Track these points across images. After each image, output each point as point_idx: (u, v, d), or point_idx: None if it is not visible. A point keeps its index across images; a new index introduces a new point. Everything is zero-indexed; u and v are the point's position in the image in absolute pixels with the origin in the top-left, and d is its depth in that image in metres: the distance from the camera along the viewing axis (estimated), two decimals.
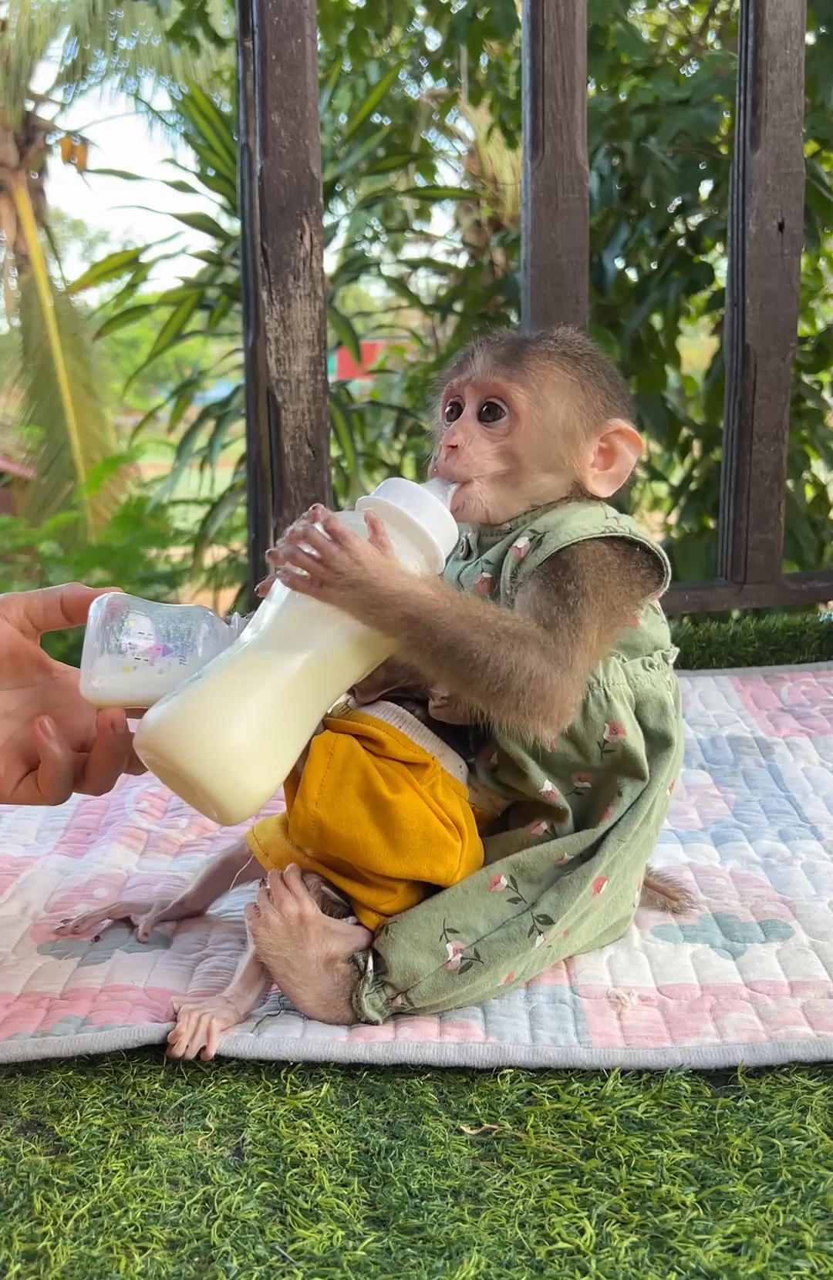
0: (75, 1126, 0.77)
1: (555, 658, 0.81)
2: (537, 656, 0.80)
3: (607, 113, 3.26)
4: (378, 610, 0.78)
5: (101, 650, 0.82)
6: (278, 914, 0.84)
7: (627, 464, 0.91)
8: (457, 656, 0.79)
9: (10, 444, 9.85)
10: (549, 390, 0.89)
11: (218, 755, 0.76)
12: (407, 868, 0.85)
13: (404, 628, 0.79)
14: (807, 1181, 0.70)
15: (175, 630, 0.84)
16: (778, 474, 1.81)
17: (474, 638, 0.79)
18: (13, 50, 9.88)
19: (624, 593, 0.87)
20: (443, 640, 0.79)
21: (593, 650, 0.84)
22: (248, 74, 2.69)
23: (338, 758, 0.84)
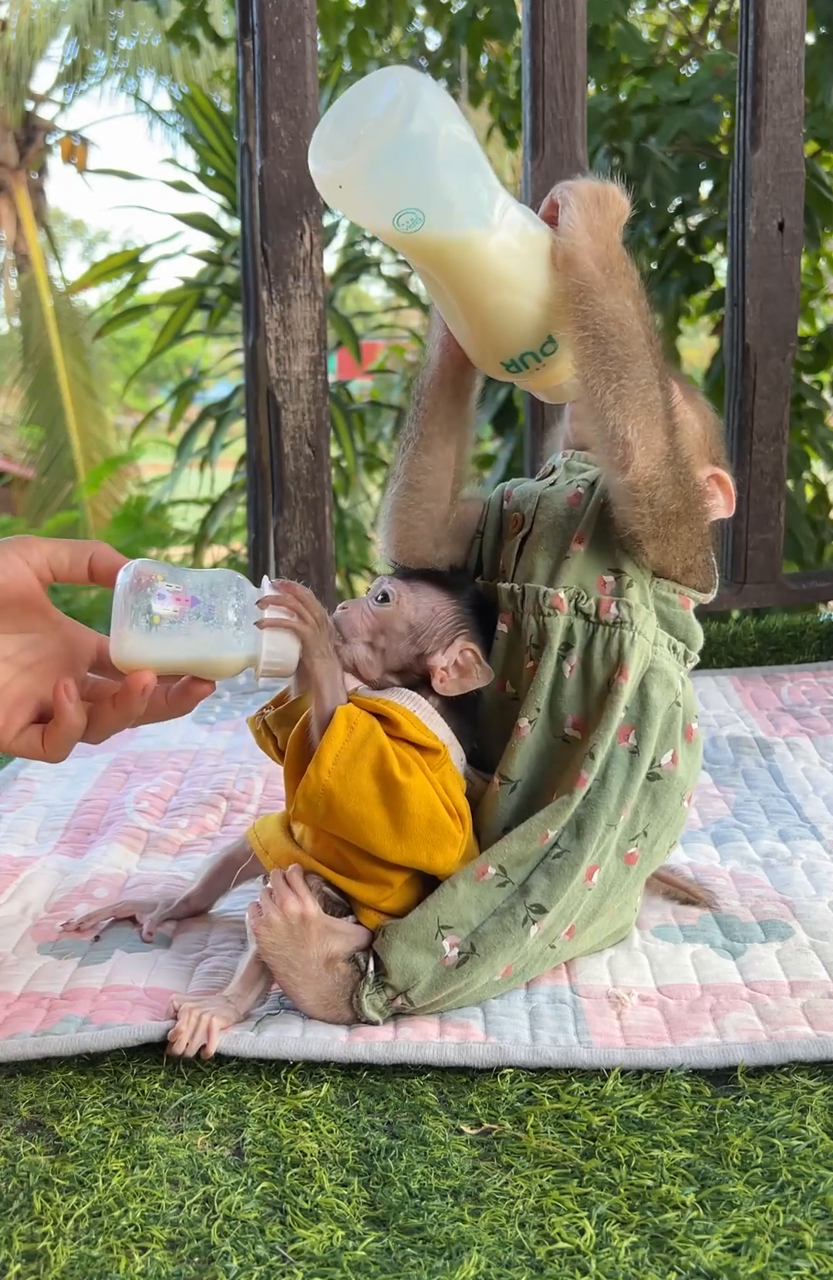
0: (75, 1126, 0.77)
1: (670, 428, 0.85)
2: (664, 407, 0.85)
3: (607, 113, 3.26)
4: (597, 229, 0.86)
5: (132, 616, 0.82)
6: (280, 913, 0.84)
7: (717, 508, 0.95)
8: (617, 325, 0.83)
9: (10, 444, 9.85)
10: (695, 407, 0.96)
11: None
12: (407, 853, 0.85)
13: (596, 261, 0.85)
14: (807, 1181, 0.70)
15: (203, 590, 0.84)
16: (778, 474, 1.81)
17: (638, 325, 0.84)
18: (13, 50, 9.88)
19: (692, 542, 0.89)
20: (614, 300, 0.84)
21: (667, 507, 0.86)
22: (248, 74, 2.69)
23: (358, 733, 0.84)
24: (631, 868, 0.91)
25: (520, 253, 0.85)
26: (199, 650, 0.83)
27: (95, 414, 9.03)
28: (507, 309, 0.86)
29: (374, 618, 0.91)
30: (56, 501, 8.54)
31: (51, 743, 0.84)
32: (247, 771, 1.37)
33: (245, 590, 0.86)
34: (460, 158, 0.81)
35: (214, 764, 1.41)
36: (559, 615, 0.89)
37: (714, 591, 0.94)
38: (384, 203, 0.80)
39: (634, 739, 0.89)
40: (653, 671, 0.89)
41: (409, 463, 0.95)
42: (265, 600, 0.85)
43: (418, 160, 0.79)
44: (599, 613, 0.89)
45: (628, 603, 0.88)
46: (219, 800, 1.30)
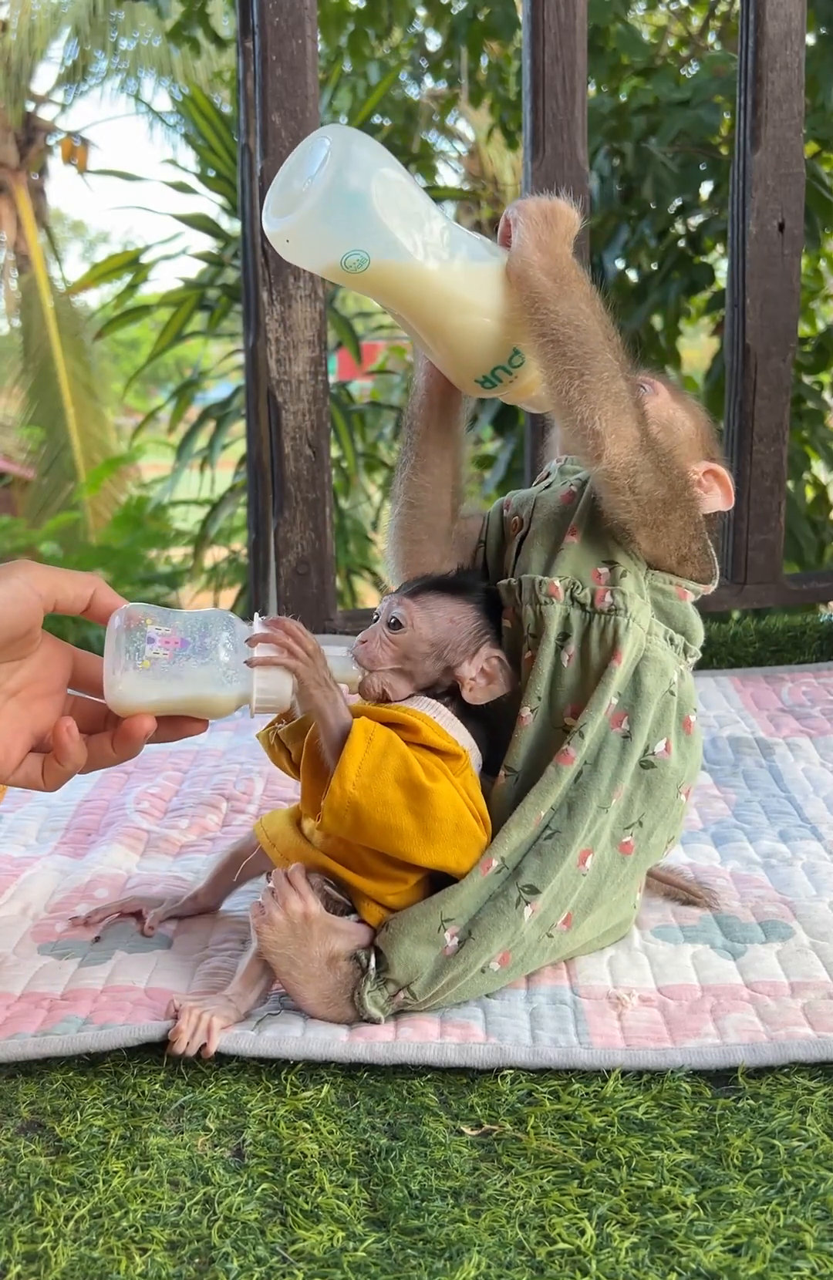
0: (76, 1127, 0.77)
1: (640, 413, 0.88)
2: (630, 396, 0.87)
3: (607, 113, 3.26)
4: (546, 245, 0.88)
5: (125, 660, 0.83)
6: (282, 912, 0.84)
7: (716, 504, 0.98)
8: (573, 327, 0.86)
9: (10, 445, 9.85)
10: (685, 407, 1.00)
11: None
12: (436, 857, 0.85)
13: (547, 273, 0.87)
14: (807, 1182, 0.70)
15: (193, 631, 0.86)
16: (778, 474, 1.81)
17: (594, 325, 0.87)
18: (13, 51, 9.88)
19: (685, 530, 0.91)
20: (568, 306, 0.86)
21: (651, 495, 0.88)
22: (248, 75, 2.69)
23: (377, 744, 0.84)
24: (626, 858, 0.92)
25: (471, 274, 0.89)
26: (191, 690, 0.85)
27: (96, 415, 9.03)
28: (467, 330, 0.90)
29: (394, 645, 0.91)
30: (57, 502, 8.54)
31: (51, 778, 0.85)
32: (247, 772, 1.37)
33: (237, 629, 0.87)
34: (396, 197, 0.86)
35: (214, 764, 1.41)
36: (555, 604, 0.91)
37: (715, 583, 0.96)
38: (330, 249, 0.86)
39: (627, 724, 0.90)
40: (647, 660, 0.91)
41: (408, 483, 0.99)
42: (255, 639, 0.85)
43: (355, 206, 0.85)
44: (595, 602, 0.90)
45: (622, 591, 0.90)
46: (219, 801, 1.30)
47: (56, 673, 0.87)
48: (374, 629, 0.92)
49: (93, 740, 0.86)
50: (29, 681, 0.85)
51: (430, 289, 0.89)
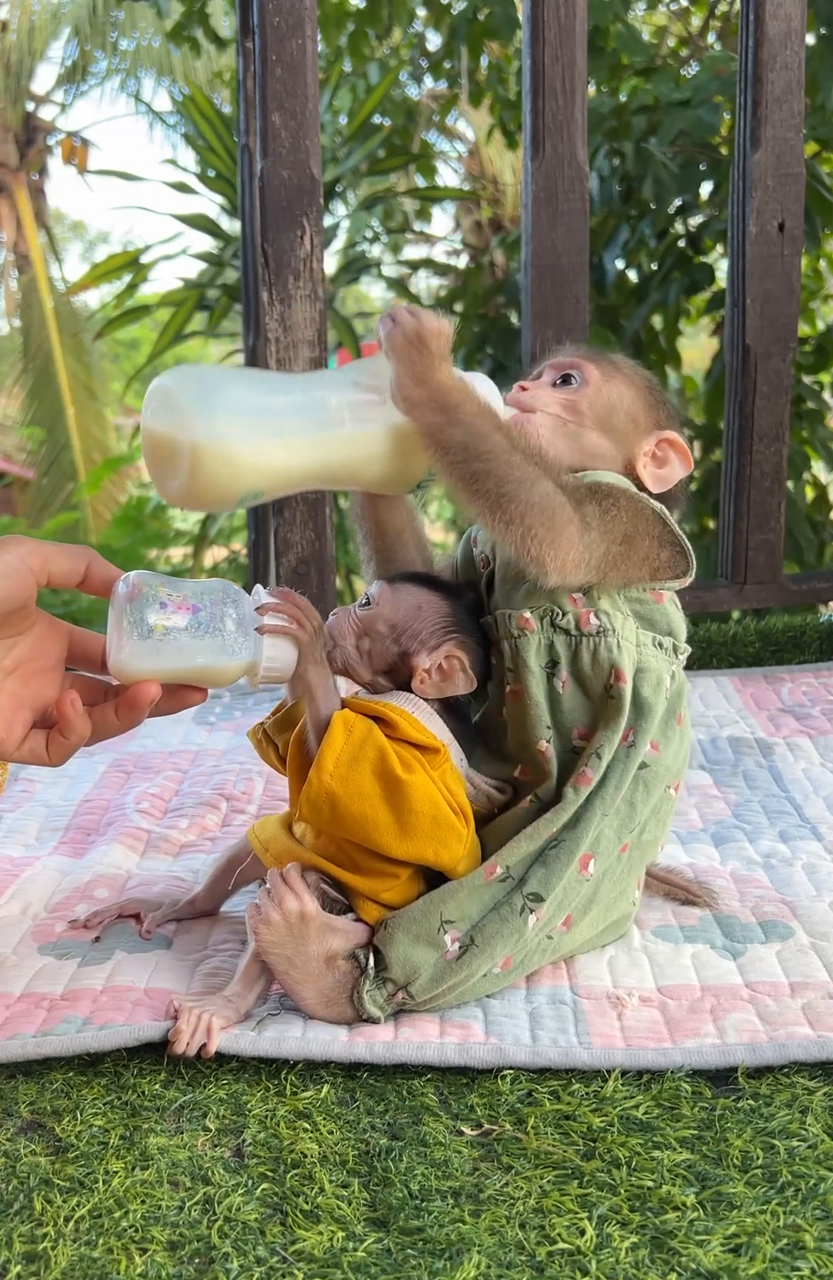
0: (76, 1127, 0.77)
1: (573, 502, 0.85)
2: (552, 487, 0.84)
3: (607, 113, 3.26)
4: (422, 377, 0.83)
5: (131, 627, 0.82)
6: (279, 911, 0.84)
7: (675, 473, 0.96)
8: (474, 451, 0.83)
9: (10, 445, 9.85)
10: (621, 379, 0.96)
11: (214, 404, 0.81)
12: (413, 850, 0.85)
13: (432, 408, 0.83)
14: (807, 1182, 0.70)
15: (202, 598, 0.85)
16: (778, 474, 1.81)
17: (496, 438, 0.83)
18: (13, 51, 9.87)
19: (651, 547, 0.91)
20: (463, 431, 0.83)
21: (608, 553, 0.87)
22: (248, 75, 2.69)
23: (356, 735, 0.85)
24: (622, 856, 0.92)
25: (362, 440, 0.86)
26: (198, 659, 0.83)
27: (96, 415, 9.03)
28: (383, 480, 0.89)
29: (359, 621, 0.92)
30: (57, 502, 8.54)
31: (56, 751, 0.84)
32: (247, 772, 1.37)
33: (241, 598, 0.86)
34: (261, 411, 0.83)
35: (214, 764, 1.41)
36: (529, 635, 0.90)
37: (692, 573, 0.94)
38: (224, 500, 0.84)
39: (633, 737, 0.91)
40: (642, 672, 0.91)
41: (375, 575, 0.99)
42: (265, 607, 0.85)
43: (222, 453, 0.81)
44: (580, 625, 0.90)
45: (605, 610, 0.90)
46: (219, 801, 1.30)
47: (53, 649, 0.86)
48: (347, 606, 0.94)
49: (95, 711, 0.85)
50: (26, 659, 0.84)
51: (341, 462, 0.86)
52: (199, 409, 0.81)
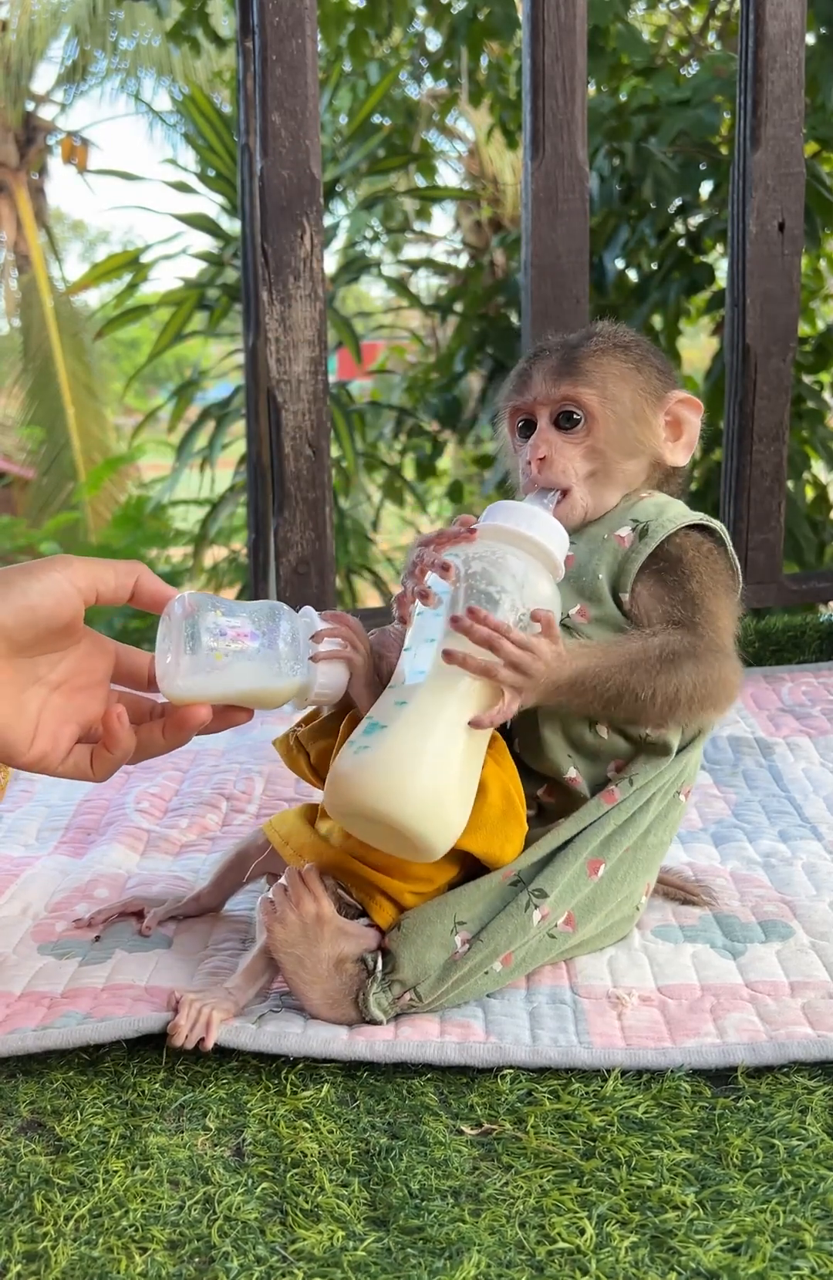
0: (76, 1127, 0.77)
1: (708, 654, 0.88)
2: (692, 666, 0.87)
3: (607, 113, 3.26)
4: (554, 691, 0.84)
5: (186, 650, 0.81)
6: (296, 912, 0.85)
7: (694, 429, 0.96)
8: (624, 701, 0.85)
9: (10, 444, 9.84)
10: (612, 383, 0.94)
11: (421, 795, 0.78)
12: (482, 844, 0.86)
13: (575, 695, 0.85)
14: (807, 1181, 0.70)
15: (259, 622, 0.84)
16: (778, 474, 1.81)
17: (634, 679, 0.85)
18: (13, 50, 9.87)
19: (730, 576, 0.94)
20: (611, 694, 0.85)
21: (730, 629, 0.91)
22: (248, 74, 2.69)
23: None
24: (624, 856, 0.93)
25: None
26: (252, 682, 0.83)
27: (96, 414, 9.03)
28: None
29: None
30: (57, 502, 8.54)
31: (101, 766, 0.84)
32: (247, 771, 1.37)
33: (294, 620, 0.86)
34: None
35: (214, 764, 1.41)
36: None
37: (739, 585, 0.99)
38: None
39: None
40: None
41: None
42: (321, 634, 0.86)
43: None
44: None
45: None
46: (219, 800, 1.30)
47: (99, 666, 0.86)
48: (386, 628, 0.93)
49: (141, 729, 0.85)
50: (72, 674, 0.84)
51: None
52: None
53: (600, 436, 0.93)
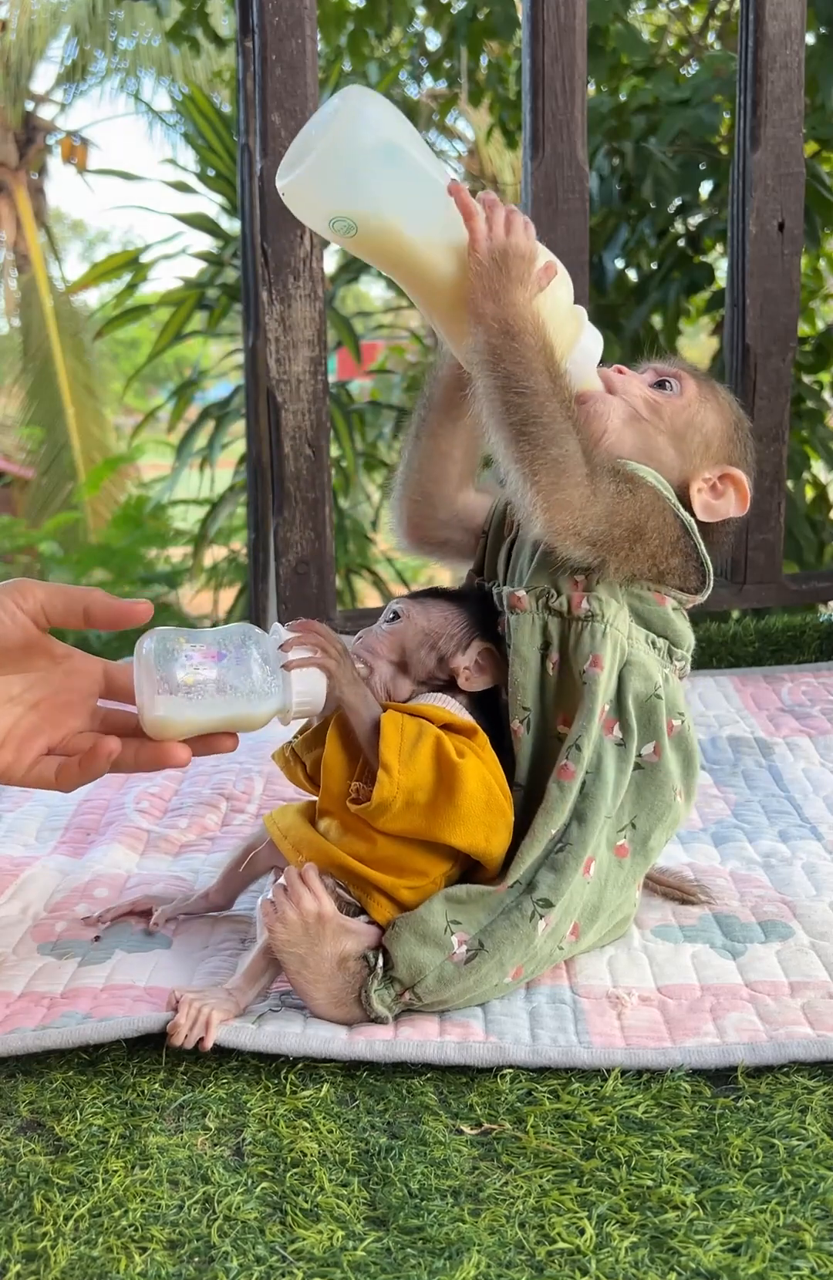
0: (75, 1126, 0.77)
1: (589, 468, 0.86)
2: (576, 446, 0.85)
3: (607, 113, 3.26)
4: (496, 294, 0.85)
5: (162, 684, 0.83)
6: (296, 911, 0.85)
7: (728, 508, 0.97)
8: (516, 381, 0.84)
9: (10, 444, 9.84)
10: (714, 404, 0.97)
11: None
12: (467, 835, 0.86)
13: (495, 327, 0.85)
14: (807, 1181, 0.70)
15: (226, 645, 0.86)
16: (778, 474, 1.81)
17: (541, 379, 0.85)
18: (13, 50, 9.87)
19: (661, 549, 0.91)
20: (513, 359, 0.85)
21: (609, 534, 0.87)
22: (248, 74, 2.69)
23: (409, 731, 0.86)
24: (623, 861, 0.92)
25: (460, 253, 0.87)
26: (230, 709, 0.85)
27: (95, 414, 9.03)
28: (458, 310, 0.89)
29: (390, 635, 0.94)
30: (56, 502, 8.54)
31: (67, 780, 0.87)
32: (246, 771, 1.37)
33: (263, 639, 0.87)
34: (394, 163, 0.85)
35: (214, 764, 1.41)
36: (520, 614, 0.91)
37: (705, 593, 0.95)
38: (321, 209, 0.86)
39: (619, 730, 0.90)
40: (630, 664, 0.91)
41: (413, 445, 0.99)
42: (289, 643, 0.87)
43: (346, 168, 0.84)
44: (572, 609, 0.90)
45: (598, 596, 0.90)
46: (219, 800, 1.30)
47: (81, 685, 0.89)
48: (372, 627, 0.95)
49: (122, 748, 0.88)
50: (52, 692, 0.88)
51: (419, 264, 0.88)
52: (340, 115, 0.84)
53: (671, 406, 0.95)
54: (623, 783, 0.90)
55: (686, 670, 0.96)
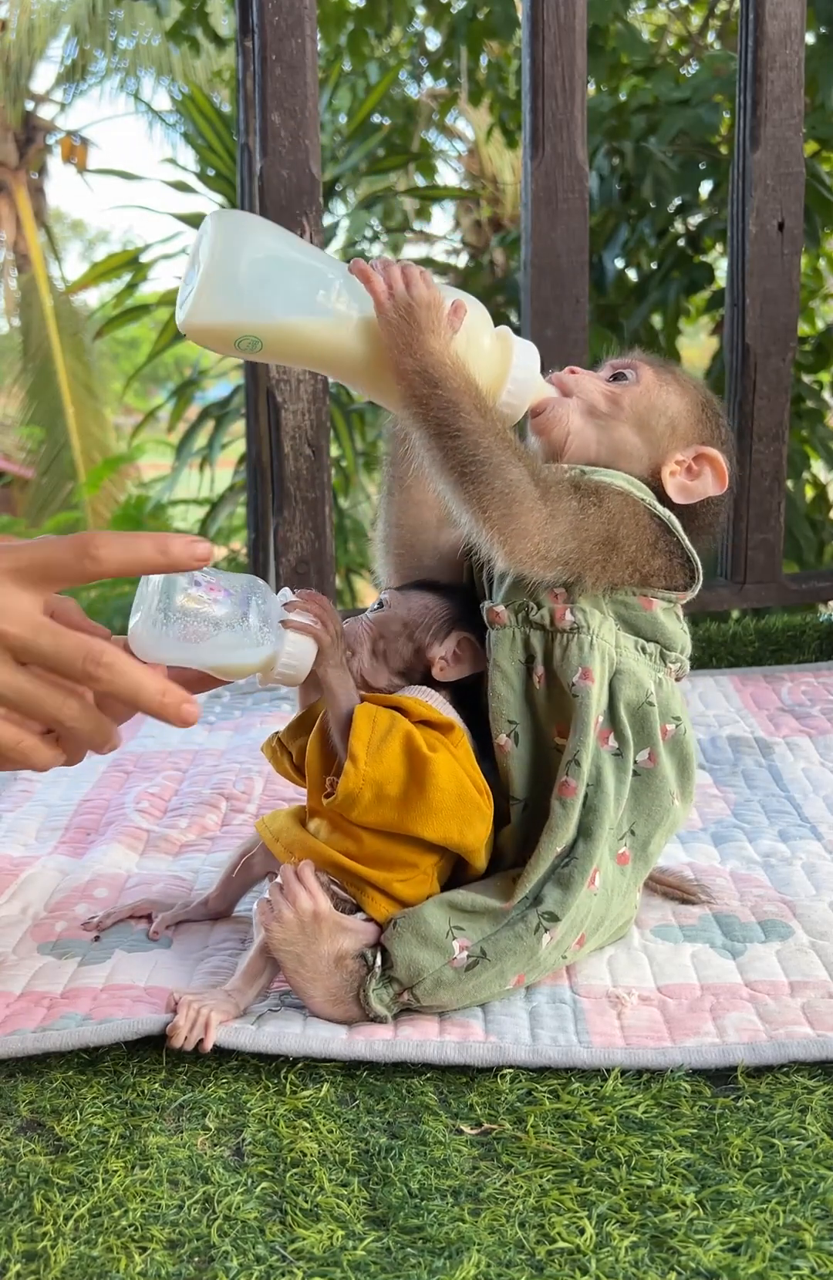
0: (75, 1126, 0.77)
1: (541, 490, 0.85)
2: (522, 472, 0.84)
3: (607, 113, 3.26)
4: (410, 347, 0.84)
5: (156, 604, 0.82)
6: (292, 909, 0.85)
7: (705, 488, 0.94)
8: (448, 426, 0.84)
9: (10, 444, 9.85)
10: (675, 387, 0.96)
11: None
12: (440, 828, 0.86)
13: (417, 379, 0.84)
14: (807, 1181, 0.70)
15: (231, 584, 0.86)
16: (778, 474, 1.81)
17: (472, 417, 0.84)
18: (13, 50, 9.88)
19: (639, 553, 0.89)
20: (440, 405, 0.84)
21: (580, 550, 0.86)
22: (248, 74, 2.69)
23: (381, 724, 0.86)
24: (625, 869, 0.92)
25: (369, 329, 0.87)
26: (217, 647, 0.84)
27: (95, 414, 9.03)
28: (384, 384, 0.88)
29: (373, 624, 0.95)
30: (56, 501, 8.54)
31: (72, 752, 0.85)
32: (246, 771, 1.37)
33: (268, 595, 0.87)
34: (275, 268, 0.85)
35: (214, 764, 1.41)
36: (500, 629, 0.91)
37: (693, 589, 0.93)
38: (222, 336, 0.86)
39: (615, 741, 0.90)
40: (620, 674, 0.90)
41: (387, 504, 1.00)
42: (292, 604, 0.87)
43: (230, 290, 0.84)
44: (555, 621, 0.89)
45: (581, 608, 0.89)
46: (219, 800, 1.30)
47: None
48: (359, 615, 0.96)
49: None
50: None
51: (330, 350, 0.87)
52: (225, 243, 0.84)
53: (629, 395, 0.94)
54: (623, 792, 0.90)
55: (683, 671, 0.94)
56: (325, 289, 0.86)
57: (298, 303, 0.86)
